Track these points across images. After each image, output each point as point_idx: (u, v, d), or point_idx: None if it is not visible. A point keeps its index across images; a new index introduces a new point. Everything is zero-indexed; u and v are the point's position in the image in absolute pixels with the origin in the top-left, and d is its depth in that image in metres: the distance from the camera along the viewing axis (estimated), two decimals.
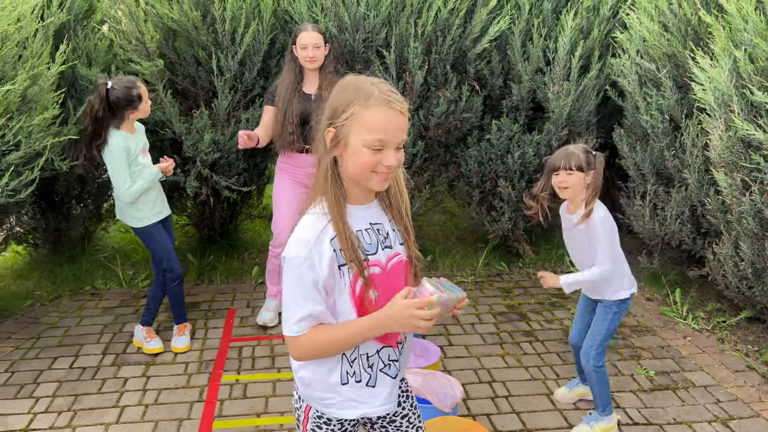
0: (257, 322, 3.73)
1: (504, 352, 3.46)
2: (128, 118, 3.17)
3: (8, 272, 4.53)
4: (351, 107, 1.41)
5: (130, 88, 3.10)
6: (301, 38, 3.36)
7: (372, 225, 1.54)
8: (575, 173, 2.54)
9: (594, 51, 4.06)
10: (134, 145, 3.20)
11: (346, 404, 1.56)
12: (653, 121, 3.68)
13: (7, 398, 2.99)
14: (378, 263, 1.51)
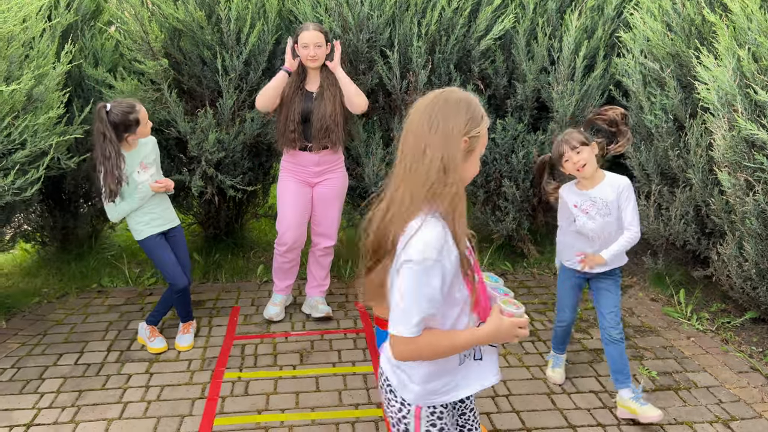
0: (264, 316, 3.77)
1: (505, 352, 3.46)
2: (127, 141, 3.18)
3: (17, 270, 4.59)
4: (482, 122, 1.55)
5: (128, 112, 3.09)
6: (303, 37, 3.38)
7: None
8: (582, 148, 2.66)
9: (599, 51, 4.05)
10: (129, 164, 3.19)
11: (466, 382, 1.67)
12: (657, 121, 3.67)
13: (13, 393, 3.03)
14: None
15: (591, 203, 2.75)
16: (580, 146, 2.66)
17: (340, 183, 3.69)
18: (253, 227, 5.31)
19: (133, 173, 3.20)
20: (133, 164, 3.21)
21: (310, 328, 3.73)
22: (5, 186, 3.01)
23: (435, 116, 1.50)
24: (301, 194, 3.60)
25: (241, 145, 4.17)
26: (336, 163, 3.65)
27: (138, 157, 3.24)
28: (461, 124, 1.51)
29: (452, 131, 1.50)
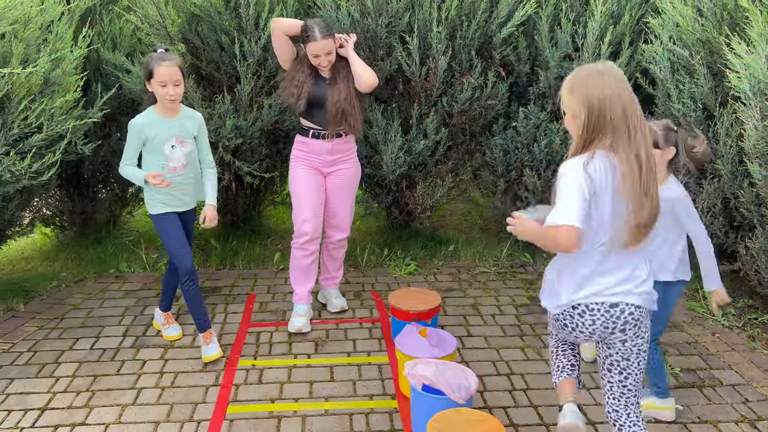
0: (289, 330, 3.47)
1: (524, 345, 3.39)
2: (151, 98, 2.96)
3: (36, 254, 4.62)
4: None
5: (148, 61, 2.90)
6: (311, 48, 3.21)
7: None
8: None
9: (624, 37, 3.93)
10: (158, 131, 2.97)
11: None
12: (685, 110, 3.55)
13: (29, 377, 3.04)
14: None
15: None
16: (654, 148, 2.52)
17: (353, 173, 3.55)
18: (271, 215, 5.29)
19: (165, 143, 2.99)
20: (169, 134, 2.99)
21: (326, 317, 3.70)
22: (22, 169, 3.00)
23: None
24: (314, 183, 3.45)
25: (258, 132, 4.13)
26: (349, 152, 3.52)
27: (176, 128, 3.02)
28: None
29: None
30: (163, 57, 2.89)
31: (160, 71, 2.85)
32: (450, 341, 2.88)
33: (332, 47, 3.25)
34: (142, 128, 2.97)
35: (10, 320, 3.62)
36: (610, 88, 1.85)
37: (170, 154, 3.03)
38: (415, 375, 2.51)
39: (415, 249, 4.64)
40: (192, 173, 3.17)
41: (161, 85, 2.86)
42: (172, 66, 2.87)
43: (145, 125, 2.98)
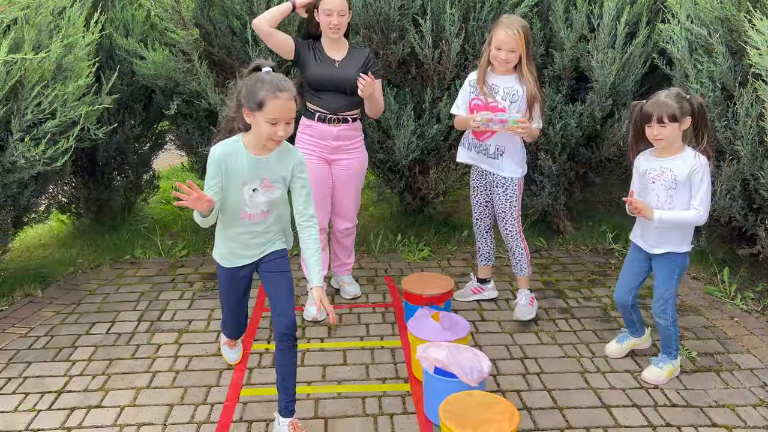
0: (304, 317, 3.46)
1: (538, 329, 3.36)
2: (249, 130, 2.28)
3: (53, 240, 4.67)
4: None
5: (258, 87, 2.17)
6: (326, 3, 3.11)
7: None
8: (668, 125, 2.55)
9: (641, 17, 3.85)
10: (241, 167, 2.31)
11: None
12: (704, 90, 3.47)
13: (46, 360, 3.08)
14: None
15: (659, 173, 2.69)
16: (668, 122, 2.55)
17: (358, 163, 3.47)
18: None
19: (246, 184, 2.34)
20: (253, 174, 2.33)
21: (339, 302, 3.70)
22: (36, 155, 3.02)
23: None
24: (319, 174, 3.37)
25: None
26: (355, 141, 3.43)
27: (265, 167, 2.34)
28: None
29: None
30: (280, 87, 2.17)
31: (275, 107, 2.17)
32: (463, 325, 2.87)
33: (346, 9, 3.18)
34: (225, 159, 2.30)
35: (28, 305, 3.67)
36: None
37: (249, 200, 2.38)
38: (427, 358, 2.50)
39: (429, 234, 4.61)
40: (276, 224, 2.52)
41: (271, 122, 2.19)
42: (290, 100, 2.19)
43: (229, 156, 2.30)
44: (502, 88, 3.19)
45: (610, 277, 3.99)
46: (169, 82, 4.00)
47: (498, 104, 3.19)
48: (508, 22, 3.07)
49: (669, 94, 2.59)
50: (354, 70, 3.26)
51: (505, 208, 3.36)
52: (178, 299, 3.73)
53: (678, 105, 2.54)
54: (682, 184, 2.63)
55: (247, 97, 2.20)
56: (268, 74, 2.23)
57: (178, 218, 5.03)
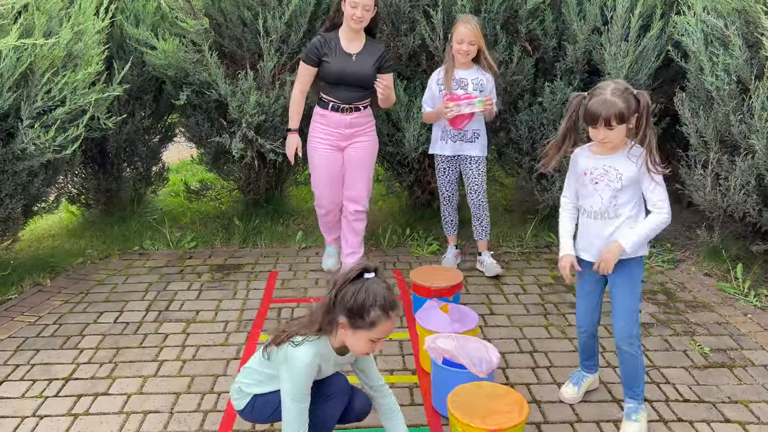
0: (323, 267, 3.96)
1: (548, 323, 3.33)
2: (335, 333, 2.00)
3: (63, 231, 4.68)
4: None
5: (370, 303, 1.90)
6: None
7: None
8: (616, 127, 2.20)
9: (656, 9, 3.81)
10: (328, 366, 2.09)
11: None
12: (719, 83, 3.42)
13: (53, 348, 3.08)
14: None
15: (603, 172, 2.33)
16: (616, 124, 2.19)
17: (370, 146, 3.65)
18: (293, 194, 5.28)
19: (324, 372, 2.10)
20: (335, 367, 2.13)
21: None
22: (46, 142, 3.02)
23: None
24: (331, 158, 3.60)
25: (281, 109, 4.10)
26: (367, 125, 3.63)
27: (343, 362, 2.12)
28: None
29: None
30: (393, 305, 1.94)
31: (385, 328, 1.94)
32: (472, 317, 2.84)
33: (371, 4, 3.30)
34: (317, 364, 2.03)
35: (37, 294, 3.68)
36: None
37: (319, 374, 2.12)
38: (435, 348, 2.47)
39: (437, 229, 4.57)
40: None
41: (373, 341, 1.96)
42: (394, 318, 1.95)
43: (320, 361, 2.04)
44: (470, 80, 3.60)
45: None
46: (179, 72, 4.00)
47: (471, 94, 3.57)
48: (466, 18, 3.50)
49: (615, 90, 2.19)
50: (369, 65, 3.44)
51: (479, 181, 3.80)
52: (186, 290, 3.73)
53: (626, 104, 2.17)
54: (630, 182, 2.30)
55: (356, 313, 1.90)
56: (377, 284, 1.94)
57: (187, 210, 5.03)
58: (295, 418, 1.97)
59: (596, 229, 2.40)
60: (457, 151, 3.75)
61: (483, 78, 3.60)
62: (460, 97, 3.55)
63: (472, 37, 3.47)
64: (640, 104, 2.21)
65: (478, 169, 3.77)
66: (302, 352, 1.97)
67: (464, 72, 3.60)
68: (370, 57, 3.43)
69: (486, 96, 3.54)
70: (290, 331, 2.03)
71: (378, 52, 3.46)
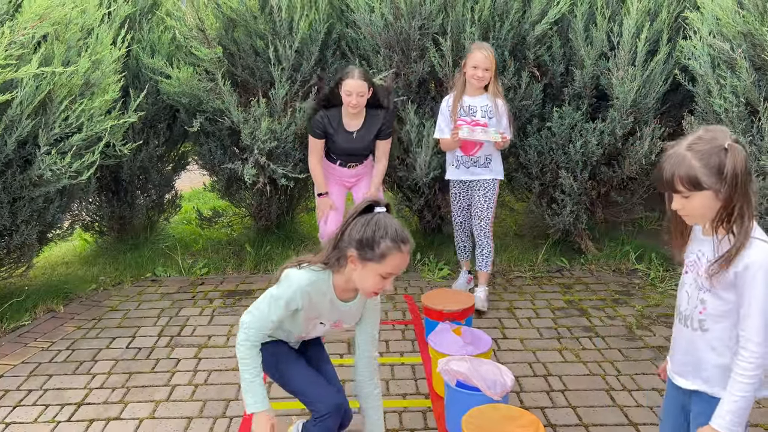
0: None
1: (561, 347, 3.30)
2: (343, 269, 1.94)
3: (76, 258, 4.72)
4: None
5: (382, 234, 1.84)
6: (347, 84, 3.53)
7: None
8: (693, 194, 1.57)
9: (662, 34, 3.85)
10: (325, 309, 2.03)
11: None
12: (727, 105, 3.44)
13: (66, 374, 3.08)
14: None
15: (695, 260, 1.70)
16: (690, 190, 1.57)
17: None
18: (303, 221, 5.31)
19: (317, 318, 2.06)
20: (331, 316, 2.07)
21: None
22: (63, 168, 3.07)
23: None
24: (336, 192, 3.91)
25: (292, 135, 4.16)
26: (371, 168, 3.93)
27: (345, 313, 2.07)
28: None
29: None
30: (404, 238, 1.88)
31: (396, 262, 1.88)
32: (485, 340, 2.82)
33: (365, 90, 3.57)
34: (309, 293, 1.96)
35: (50, 321, 3.70)
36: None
37: (311, 331, 2.16)
38: (449, 371, 2.45)
39: (448, 254, 4.58)
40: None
41: (383, 276, 1.89)
42: (406, 252, 1.90)
43: (314, 293, 1.98)
44: (479, 107, 3.59)
45: (634, 296, 3.92)
46: (193, 99, 4.07)
47: (479, 121, 3.58)
48: (481, 45, 3.50)
49: (699, 141, 1.58)
50: (369, 140, 3.77)
51: (483, 208, 3.73)
52: (198, 315, 3.73)
53: (703, 163, 1.54)
54: (724, 289, 1.61)
55: (366, 245, 1.84)
56: (386, 218, 1.88)
57: (199, 237, 5.06)
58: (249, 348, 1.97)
59: (683, 339, 1.75)
60: (469, 177, 3.74)
61: (492, 104, 3.59)
62: (477, 123, 3.55)
63: (488, 63, 3.47)
64: (733, 162, 1.52)
65: (485, 196, 3.73)
66: (300, 274, 1.95)
67: (473, 99, 3.60)
68: (369, 133, 3.75)
69: (502, 132, 3.54)
70: (300, 259, 2.01)
71: (378, 125, 3.74)
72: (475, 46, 3.52)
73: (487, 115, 3.59)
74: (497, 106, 3.59)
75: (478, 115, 3.59)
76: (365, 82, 3.55)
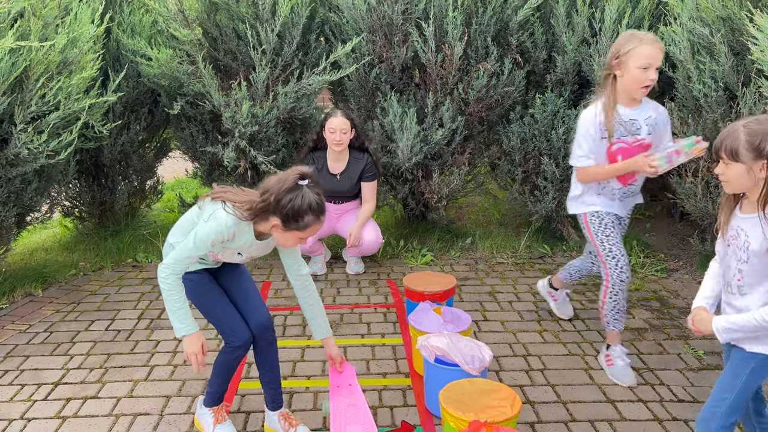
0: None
1: (541, 329, 3.32)
2: (264, 224, 2.10)
3: (56, 245, 4.66)
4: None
5: (306, 209, 2.02)
6: (330, 123, 3.72)
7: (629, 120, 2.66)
8: (731, 164, 1.78)
9: (644, 20, 3.88)
10: (244, 244, 2.19)
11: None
12: (706, 90, 3.47)
13: (44, 355, 3.05)
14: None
15: (735, 234, 1.87)
16: (728, 160, 1.79)
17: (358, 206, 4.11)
18: None
19: (234, 245, 2.18)
20: (249, 248, 2.23)
21: (340, 301, 3.67)
22: (39, 147, 3.03)
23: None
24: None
25: (274, 120, 4.14)
26: (355, 202, 4.09)
27: (258, 246, 2.23)
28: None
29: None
30: (323, 209, 2.09)
31: (314, 229, 2.10)
32: (465, 318, 2.83)
33: (348, 128, 3.75)
34: (233, 230, 2.12)
35: (28, 304, 3.65)
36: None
37: (230, 258, 2.30)
38: (427, 347, 2.46)
39: (432, 241, 4.59)
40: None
41: (301, 238, 2.12)
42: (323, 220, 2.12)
43: (237, 232, 2.14)
44: (642, 120, 2.68)
45: None
46: (173, 82, 4.03)
47: (644, 140, 2.69)
48: (649, 37, 2.56)
49: (750, 121, 1.79)
50: (351, 183, 3.92)
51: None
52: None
53: (748, 140, 1.75)
54: (759, 259, 1.80)
55: (291, 218, 2.03)
56: (311, 191, 2.04)
57: None
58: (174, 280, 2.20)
59: (726, 303, 1.95)
60: (626, 211, 2.95)
61: (655, 114, 2.71)
62: (642, 146, 2.69)
63: (660, 60, 2.56)
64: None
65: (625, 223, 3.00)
66: (227, 218, 2.10)
67: (632, 111, 2.67)
68: (351, 176, 3.91)
69: (696, 138, 2.57)
70: (232, 198, 2.13)
71: (360, 168, 3.89)
72: (640, 37, 2.54)
73: (653, 129, 2.70)
74: (659, 114, 2.73)
75: (643, 132, 2.68)
76: (348, 120, 3.73)
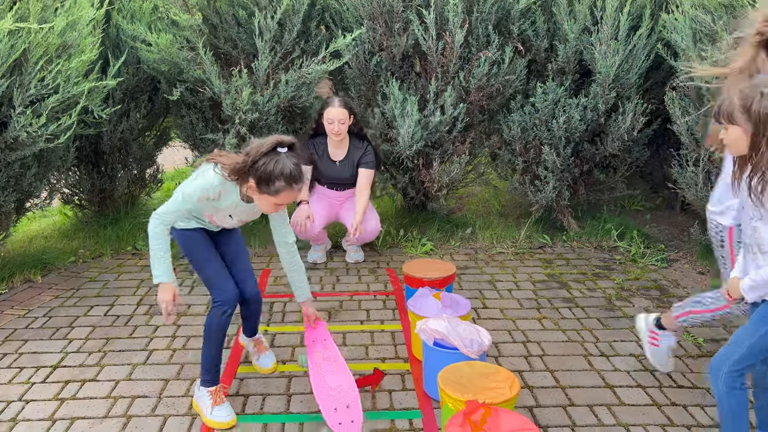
0: (308, 260, 4.00)
1: (541, 316, 3.31)
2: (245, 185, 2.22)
3: (56, 233, 4.66)
4: None
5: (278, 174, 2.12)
6: (328, 113, 3.68)
7: None
8: (730, 127, 1.84)
9: (645, 9, 3.87)
10: (231, 206, 2.32)
11: None
12: (708, 78, 3.46)
13: (42, 339, 3.05)
14: None
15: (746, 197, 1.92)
16: (726, 123, 1.85)
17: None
18: None
19: (223, 207, 2.32)
20: (238, 213, 2.39)
21: (340, 289, 3.67)
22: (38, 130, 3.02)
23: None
24: (325, 208, 3.97)
25: (275, 108, 4.12)
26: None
27: (246, 208, 2.37)
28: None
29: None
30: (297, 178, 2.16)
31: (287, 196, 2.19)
32: (464, 303, 2.82)
33: (346, 117, 3.69)
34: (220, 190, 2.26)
35: (27, 290, 3.65)
36: None
37: (221, 218, 2.43)
38: (426, 330, 2.46)
39: (432, 231, 4.58)
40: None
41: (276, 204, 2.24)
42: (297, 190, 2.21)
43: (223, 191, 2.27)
44: None
45: (614, 271, 3.94)
46: (173, 68, 4.02)
47: None
48: None
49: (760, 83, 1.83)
50: (351, 170, 3.88)
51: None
52: (178, 286, 3.68)
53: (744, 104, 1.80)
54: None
55: (263, 180, 2.13)
56: (288, 159, 2.13)
57: None
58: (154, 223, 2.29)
59: (751, 262, 1.98)
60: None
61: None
62: None
63: None
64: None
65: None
66: (214, 177, 2.22)
67: None
68: (351, 163, 3.86)
69: None
70: (224, 161, 2.22)
71: (359, 155, 3.84)
72: None
73: None
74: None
75: None
76: (345, 109, 3.68)
